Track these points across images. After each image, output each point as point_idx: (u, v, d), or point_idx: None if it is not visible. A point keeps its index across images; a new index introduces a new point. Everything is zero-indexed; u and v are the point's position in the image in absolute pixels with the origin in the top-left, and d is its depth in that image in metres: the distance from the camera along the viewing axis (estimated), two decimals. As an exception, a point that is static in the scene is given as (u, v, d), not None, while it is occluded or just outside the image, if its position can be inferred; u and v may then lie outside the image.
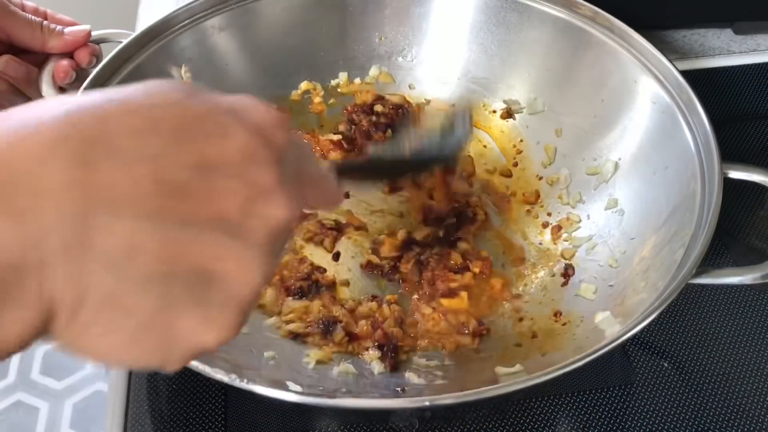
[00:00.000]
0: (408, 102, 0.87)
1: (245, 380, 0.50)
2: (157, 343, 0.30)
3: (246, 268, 0.31)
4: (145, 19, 0.81)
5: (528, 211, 0.80)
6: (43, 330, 0.28)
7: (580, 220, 0.76)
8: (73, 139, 0.28)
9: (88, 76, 0.70)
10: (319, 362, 0.66)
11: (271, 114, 0.34)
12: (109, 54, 0.72)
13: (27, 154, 0.27)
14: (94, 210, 0.27)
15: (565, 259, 0.74)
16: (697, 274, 0.57)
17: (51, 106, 0.29)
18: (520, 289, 0.74)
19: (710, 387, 0.66)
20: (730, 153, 0.63)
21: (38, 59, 0.73)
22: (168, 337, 0.30)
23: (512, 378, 0.61)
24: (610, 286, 0.68)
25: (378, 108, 0.84)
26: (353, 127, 0.84)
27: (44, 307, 0.27)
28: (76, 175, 0.27)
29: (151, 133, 0.29)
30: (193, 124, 0.31)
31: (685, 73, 0.70)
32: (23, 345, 0.28)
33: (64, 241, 0.27)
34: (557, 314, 0.69)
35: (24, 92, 0.73)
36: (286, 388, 0.54)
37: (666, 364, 0.68)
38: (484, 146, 0.86)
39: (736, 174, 0.63)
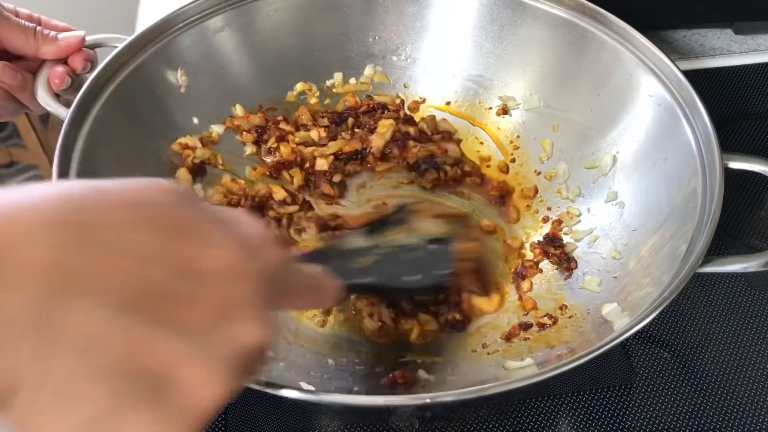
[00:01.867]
0: (399, 102, 0.88)
1: (260, 381, 0.50)
2: None
3: (206, 380, 0.30)
4: (145, 22, 0.81)
5: (527, 206, 0.81)
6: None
7: (581, 214, 0.77)
8: (59, 223, 0.28)
9: (83, 82, 0.70)
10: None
11: (261, 230, 0.34)
12: (105, 58, 0.72)
13: (11, 232, 0.27)
14: (68, 292, 0.27)
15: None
16: (703, 263, 0.57)
17: (45, 189, 0.29)
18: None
19: (711, 382, 0.67)
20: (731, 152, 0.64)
21: (32, 66, 0.73)
22: None
23: (522, 372, 0.61)
24: (615, 278, 0.69)
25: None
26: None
27: (4, 382, 0.27)
28: (54, 256, 0.27)
29: (137, 230, 0.29)
30: (180, 228, 0.31)
31: (686, 73, 0.70)
32: None
33: (33, 317, 0.27)
34: (563, 308, 0.70)
35: (19, 99, 0.73)
36: (299, 388, 0.54)
37: (667, 355, 0.69)
38: (481, 143, 0.86)
39: (736, 164, 0.64)
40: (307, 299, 0.42)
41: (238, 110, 0.82)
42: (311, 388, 0.57)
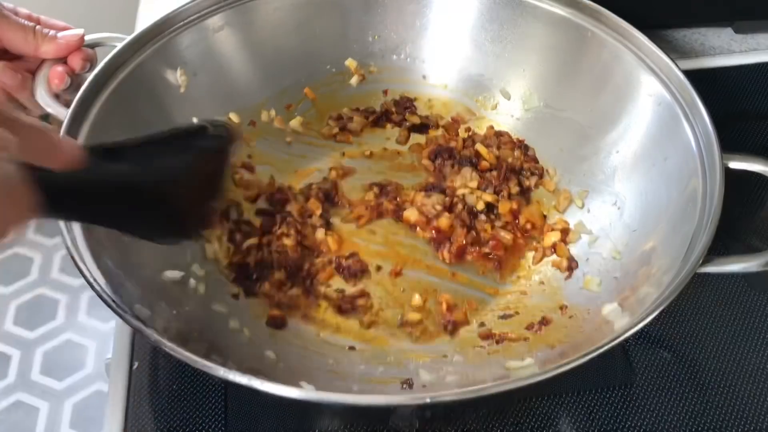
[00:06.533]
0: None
1: (262, 380, 0.50)
2: None
3: None
4: (145, 20, 0.81)
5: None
6: None
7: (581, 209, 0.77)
8: None
9: (82, 82, 0.70)
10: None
11: None
12: (105, 58, 0.72)
13: None
14: None
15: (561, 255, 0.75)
16: (704, 263, 0.57)
17: None
18: (522, 283, 0.74)
19: (711, 382, 0.67)
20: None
21: (32, 66, 0.73)
22: None
23: (523, 372, 0.61)
24: (615, 278, 0.69)
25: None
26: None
27: None
28: None
29: None
30: None
31: (686, 73, 0.71)
32: None
33: None
34: (563, 308, 0.70)
35: (18, 99, 0.73)
36: (300, 388, 0.55)
37: (667, 355, 0.69)
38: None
39: (736, 164, 0.64)
40: (22, 135, 0.38)
41: (233, 117, 0.82)
42: (311, 388, 0.57)
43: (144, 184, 0.52)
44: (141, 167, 0.51)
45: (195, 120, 0.79)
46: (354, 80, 0.88)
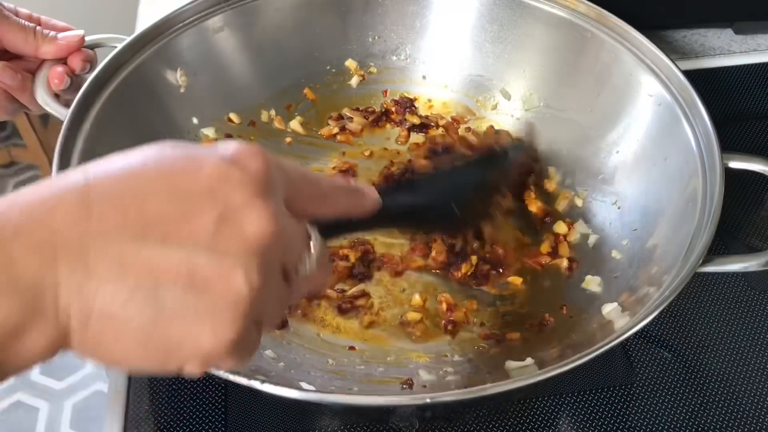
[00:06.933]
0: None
1: (262, 380, 0.50)
2: (160, 345, 0.34)
3: (225, 276, 0.34)
4: (145, 21, 0.81)
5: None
6: (63, 343, 0.34)
7: (581, 211, 0.77)
8: (80, 193, 0.34)
9: (83, 83, 0.70)
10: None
11: (244, 146, 0.37)
12: (105, 58, 0.72)
13: (49, 208, 0.33)
14: (92, 239, 0.33)
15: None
16: (704, 262, 0.57)
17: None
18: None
19: (711, 382, 0.67)
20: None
21: (32, 66, 0.73)
22: (168, 340, 0.34)
23: (523, 372, 0.61)
24: (615, 277, 0.69)
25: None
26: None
27: (61, 321, 0.33)
28: (79, 215, 0.33)
29: (137, 177, 0.35)
30: (172, 166, 0.35)
31: (686, 73, 0.71)
32: (46, 357, 0.34)
33: (70, 264, 0.32)
34: (563, 308, 0.70)
35: (18, 99, 0.73)
36: (300, 388, 0.55)
37: (667, 355, 0.69)
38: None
39: (736, 164, 0.64)
40: (338, 202, 0.44)
41: (233, 117, 0.82)
42: (311, 388, 0.57)
43: (425, 205, 0.60)
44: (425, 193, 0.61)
45: (195, 120, 0.79)
46: (354, 81, 0.88)
